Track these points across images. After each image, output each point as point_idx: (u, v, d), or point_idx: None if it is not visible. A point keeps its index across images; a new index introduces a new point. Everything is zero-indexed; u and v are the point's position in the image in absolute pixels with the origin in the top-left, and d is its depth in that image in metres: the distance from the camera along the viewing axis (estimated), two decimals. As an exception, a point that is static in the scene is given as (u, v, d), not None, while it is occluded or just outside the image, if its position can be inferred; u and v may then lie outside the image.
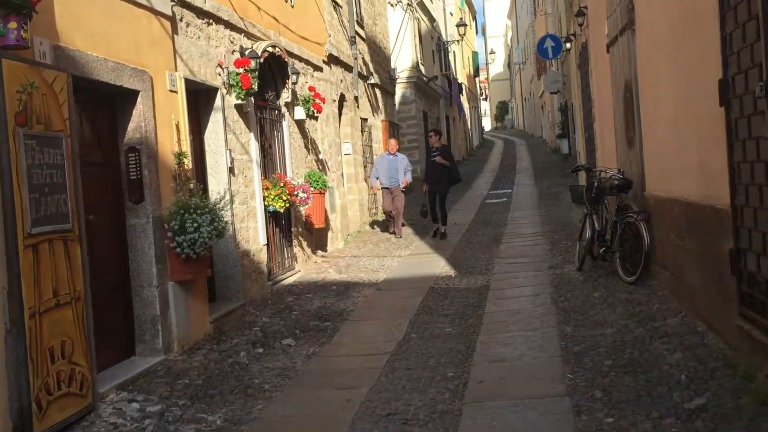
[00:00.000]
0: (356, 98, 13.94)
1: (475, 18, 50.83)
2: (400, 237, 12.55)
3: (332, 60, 12.23)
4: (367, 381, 5.06)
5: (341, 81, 12.87)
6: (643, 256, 6.55)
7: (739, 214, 4.20)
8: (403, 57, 21.68)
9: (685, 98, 5.33)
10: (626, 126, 7.64)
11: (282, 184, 8.51)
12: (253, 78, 7.65)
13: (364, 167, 14.63)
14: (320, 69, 11.49)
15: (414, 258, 10.53)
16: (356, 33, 14.13)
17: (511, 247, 10.60)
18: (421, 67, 23.87)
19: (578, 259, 8.14)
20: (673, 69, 5.59)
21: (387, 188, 12.63)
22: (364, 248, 11.66)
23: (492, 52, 54.53)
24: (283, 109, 9.49)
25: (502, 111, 68.62)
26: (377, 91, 16.52)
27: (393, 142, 13.31)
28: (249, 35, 8.34)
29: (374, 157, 15.55)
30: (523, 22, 45.33)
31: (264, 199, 8.34)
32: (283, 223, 9.35)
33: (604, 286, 7.04)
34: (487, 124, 68.59)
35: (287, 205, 8.55)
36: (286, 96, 9.49)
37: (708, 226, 4.88)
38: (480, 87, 55.68)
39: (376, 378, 5.11)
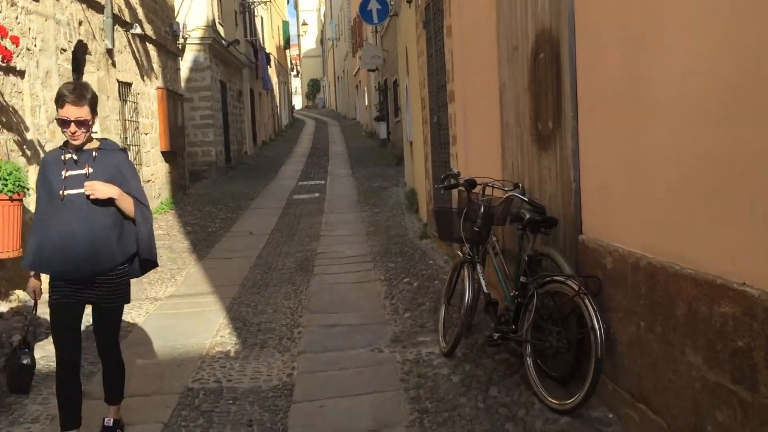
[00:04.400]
0: (109, 52, 9.66)
1: (287, -15, 46.74)
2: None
3: (60, -14, 7.92)
4: None
5: (79, 23, 8.56)
6: (593, 364, 3.36)
7: None
8: (196, 12, 17.36)
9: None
10: (536, 111, 4.42)
11: None
12: None
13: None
14: (32, -5, 7.18)
15: (176, 305, 6.68)
16: (111, -42, 9.81)
17: (328, 286, 7.10)
18: (220, 28, 19.63)
19: (445, 334, 4.84)
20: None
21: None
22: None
23: (304, 23, 50.85)
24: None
25: (313, 89, 65.27)
26: (150, 47, 12.22)
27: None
28: None
29: (140, 138, 11.29)
30: (339, -6, 42.23)
31: None
32: None
33: (506, 414, 3.76)
34: (298, 102, 64.96)
35: None
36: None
37: None
38: (291, 63, 51.83)
39: None
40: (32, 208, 6.97)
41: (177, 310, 6.44)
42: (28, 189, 6.13)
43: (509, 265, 4.50)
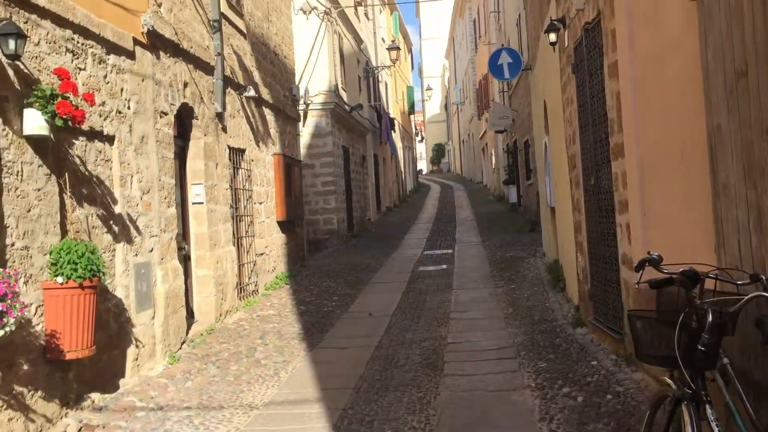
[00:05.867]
0: (219, 116, 8.88)
1: (410, 51, 46.84)
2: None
3: (161, 45, 7.18)
4: None
5: (184, 84, 7.80)
6: None
7: None
8: (318, 77, 16.84)
9: None
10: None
11: None
12: None
13: (234, 223, 9.51)
14: (127, 53, 6.42)
15: (272, 419, 5.38)
16: (224, 16, 9.15)
17: (463, 397, 5.55)
18: (342, 93, 19.07)
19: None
20: None
21: None
22: (197, 377, 6.45)
23: (429, 89, 50.57)
24: (-23, 111, 4.35)
25: (438, 154, 64.70)
26: (267, 112, 11.51)
27: None
28: None
29: (253, 207, 10.43)
30: (462, 60, 41.65)
31: None
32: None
33: None
34: (424, 167, 64.58)
35: None
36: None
37: None
38: (416, 128, 51.55)
39: None
40: (118, 293, 6.02)
41: (273, 426, 5.13)
42: (104, 274, 5.14)
43: (757, 401, 2.84)
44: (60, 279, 4.88)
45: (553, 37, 8.03)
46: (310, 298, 10.45)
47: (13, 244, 4.66)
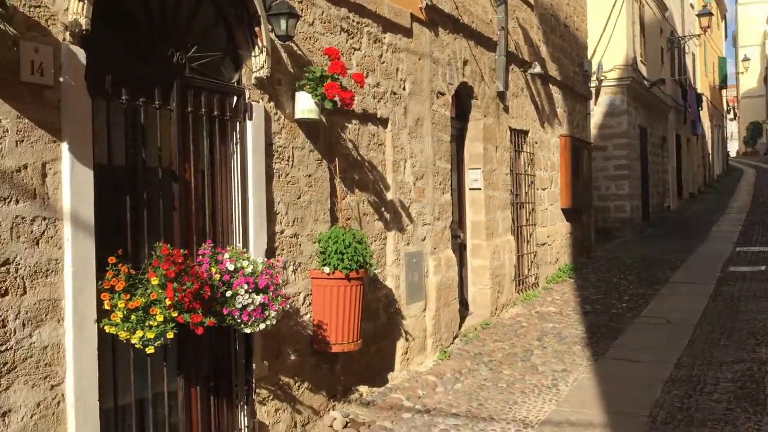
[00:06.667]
0: (501, 95, 8.27)
1: (724, 17, 41.54)
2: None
3: (440, 20, 6.76)
4: None
5: (464, 62, 7.31)
6: None
7: None
8: (613, 51, 15.39)
9: None
10: None
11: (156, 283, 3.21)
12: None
13: (514, 210, 8.86)
14: (404, 31, 6.09)
15: (551, 437, 4.66)
16: (509, -13, 8.48)
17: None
18: (641, 67, 17.27)
19: None
20: None
21: None
22: (467, 378, 5.95)
23: (746, 59, 44.51)
24: (248, 95, 4.24)
25: (754, 134, 56.93)
26: (554, 90, 10.62)
27: None
28: None
29: (535, 193, 9.67)
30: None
31: (99, 323, 3.13)
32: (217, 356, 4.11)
33: None
34: (734, 148, 57.49)
35: (165, 331, 3.21)
36: (258, 62, 4.23)
37: None
38: (727, 104, 45.83)
39: None
40: (388, 283, 5.77)
41: (547, 452, 4.42)
42: (370, 265, 4.86)
43: None
44: (327, 269, 4.69)
45: None
46: (596, 295, 9.42)
47: (282, 232, 4.56)
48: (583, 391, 5.62)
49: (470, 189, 7.79)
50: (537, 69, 9.24)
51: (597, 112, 15.46)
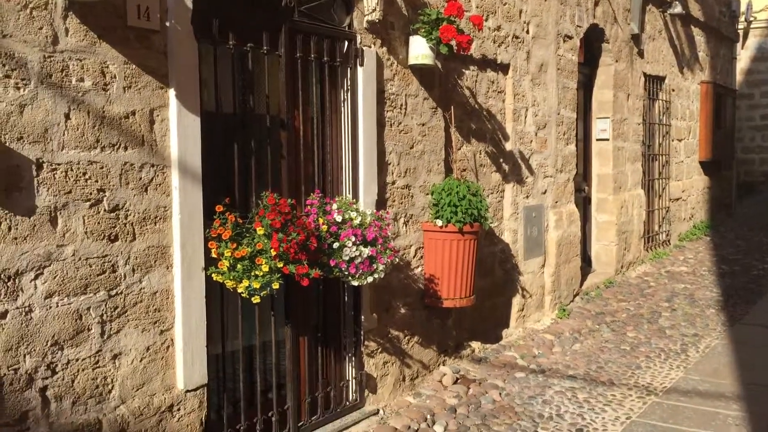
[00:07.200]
0: (635, 38, 7.63)
1: None
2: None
3: (569, -44, 6.26)
4: None
5: (595, 3, 6.77)
6: None
7: None
8: (767, -13, 13.89)
9: None
10: None
11: (263, 232, 3.17)
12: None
13: (645, 163, 8.27)
14: (528, -31, 5.68)
15: (673, 411, 4.31)
16: None
17: None
18: (798, 5, 15.51)
19: None
20: None
21: None
22: (587, 339, 5.65)
23: None
24: (360, 39, 4.07)
25: None
26: (696, 32, 9.72)
27: None
28: None
29: (670, 145, 8.97)
30: None
31: (206, 270, 3.14)
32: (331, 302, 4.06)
33: None
34: None
35: (270, 281, 3.17)
36: (370, 4, 4.04)
37: None
38: None
39: None
40: (505, 237, 5.54)
41: (674, 423, 4.09)
42: (485, 219, 4.64)
43: None
44: (439, 222, 4.52)
45: None
46: (735, 255, 8.70)
47: (393, 182, 4.41)
48: (715, 359, 5.18)
49: (597, 140, 7.31)
50: (678, 9, 8.45)
51: (743, 56, 14.11)
